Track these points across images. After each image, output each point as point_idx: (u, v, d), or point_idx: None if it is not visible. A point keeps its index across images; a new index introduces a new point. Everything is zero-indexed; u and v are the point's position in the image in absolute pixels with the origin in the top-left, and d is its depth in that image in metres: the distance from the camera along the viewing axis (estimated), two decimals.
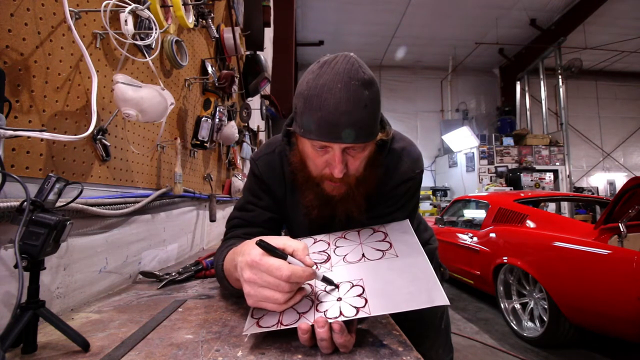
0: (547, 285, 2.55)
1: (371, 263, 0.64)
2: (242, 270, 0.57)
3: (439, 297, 0.53)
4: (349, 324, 0.54)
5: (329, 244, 0.75)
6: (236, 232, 0.86)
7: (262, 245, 0.55)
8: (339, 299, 0.58)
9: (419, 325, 1.10)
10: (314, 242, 0.78)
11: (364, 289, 0.58)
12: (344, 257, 0.69)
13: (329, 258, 0.70)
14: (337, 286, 0.61)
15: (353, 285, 0.60)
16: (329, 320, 0.52)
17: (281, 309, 0.57)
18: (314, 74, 0.66)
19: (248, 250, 0.57)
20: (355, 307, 0.55)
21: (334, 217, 0.79)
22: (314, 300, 0.59)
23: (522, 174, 7.95)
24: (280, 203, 0.89)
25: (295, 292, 0.58)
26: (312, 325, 0.52)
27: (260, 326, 0.57)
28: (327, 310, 0.56)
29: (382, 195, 0.82)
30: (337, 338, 0.51)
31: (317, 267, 0.67)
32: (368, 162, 0.74)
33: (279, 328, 0.56)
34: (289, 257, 0.55)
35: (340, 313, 0.54)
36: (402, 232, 0.71)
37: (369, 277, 0.61)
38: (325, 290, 0.61)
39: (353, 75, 0.63)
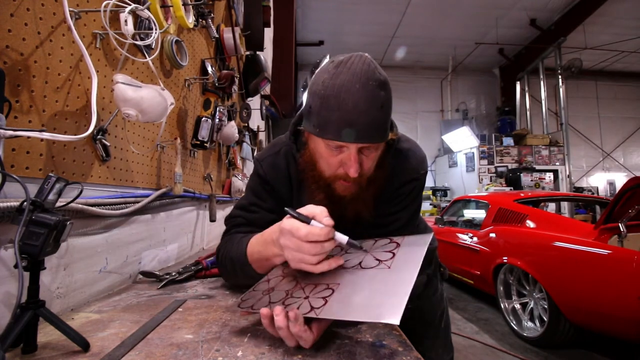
0: (547, 285, 2.55)
1: (360, 271, 0.63)
2: (278, 239, 0.64)
3: (393, 315, 0.49)
4: (311, 320, 0.55)
5: (341, 249, 0.76)
6: (241, 229, 0.86)
7: (289, 212, 0.62)
8: (306, 297, 0.59)
9: (419, 325, 1.10)
10: (340, 233, 0.80)
11: (332, 292, 0.58)
12: (361, 250, 0.68)
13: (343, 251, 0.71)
14: (363, 249, 0.65)
15: (327, 287, 0.60)
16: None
17: (317, 270, 0.61)
18: (329, 73, 0.66)
19: (280, 222, 0.64)
20: (311, 306, 0.56)
21: (344, 217, 0.79)
22: (288, 294, 0.62)
23: (522, 174, 7.94)
24: (285, 204, 0.89)
25: (330, 259, 0.62)
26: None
27: (239, 306, 0.65)
28: (290, 304, 0.58)
29: (387, 195, 0.83)
30: (291, 327, 0.53)
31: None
32: (378, 162, 0.75)
33: (249, 311, 0.62)
34: (312, 222, 0.60)
35: (297, 309, 0.56)
36: (414, 245, 0.68)
37: (346, 282, 0.60)
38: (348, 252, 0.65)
39: (370, 76, 0.64)
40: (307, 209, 0.62)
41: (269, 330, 0.56)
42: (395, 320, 0.48)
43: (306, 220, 0.60)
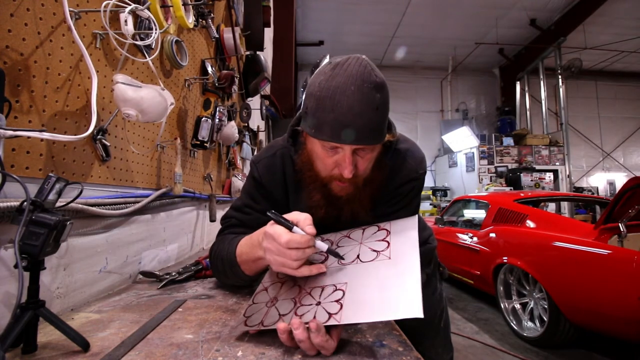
0: (547, 285, 2.55)
1: (362, 265, 0.63)
2: (262, 241, 0.66)
3: (413, 308, 0.49)
4: (329, 327, 0.54)
5: (332, 243, 0.75)
6: (235, 230, 0.88)
7: (272, 216, 0.63)
8: (318, 303, 0.58)
9: (419, 325, 1.09)
10: (321, 241, 0.79)
11: (344, 294, 0.57)
12: (339, 259, 0.68)
13: (326, 258, 0.70)
14: (342, 257, 0.65)
15: (336, 289, 0.59)
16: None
17: (298, 274, 0.63)
18: (326, 75, 0.66)
19: (265, 226, 0.65)
20: (328, 313, 0.54)
21: (340, 217, 0.80)
22: (297, 303, 0.60)
23: (522, 174, 7.94)
24: (280, 206, 0.89)
25: (311, 264, 0.64)
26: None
27: (246, 325, 0.61)
28: (304, 314, 0.56)
29: (386, 194, 0.83)
30: (313, 338, 0.51)
31: (329, 242, 0.71)
32: (375, 163, 0.75)
33: (259, 328, 0.58)
34: (295, 228, 0.61)
35: (314, 318, 0.54)
36: (405, 229, 0.68)
37: (353, 281, 0.59)
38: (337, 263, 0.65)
39: (366, 78, 0.64)
40: (292, 215, 0.64)
41: (288, 344, 0.54)
42: (419, 313, 0.47)
43: (289, 225, 0.62)
